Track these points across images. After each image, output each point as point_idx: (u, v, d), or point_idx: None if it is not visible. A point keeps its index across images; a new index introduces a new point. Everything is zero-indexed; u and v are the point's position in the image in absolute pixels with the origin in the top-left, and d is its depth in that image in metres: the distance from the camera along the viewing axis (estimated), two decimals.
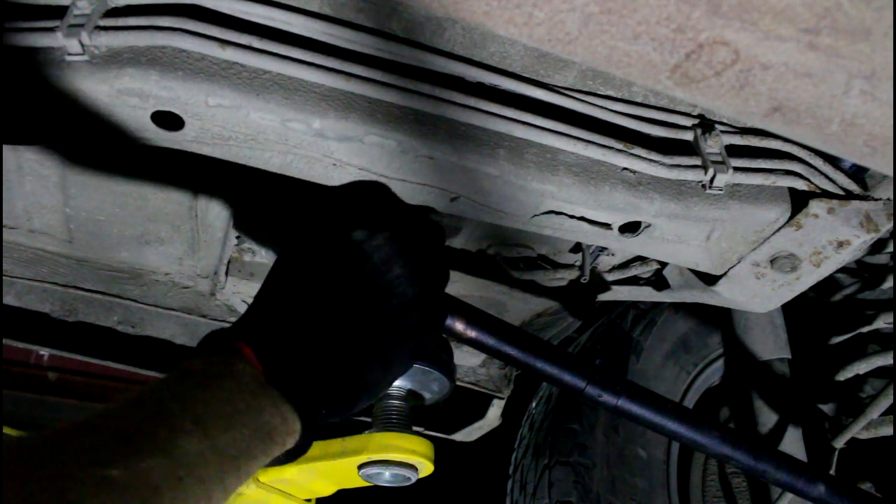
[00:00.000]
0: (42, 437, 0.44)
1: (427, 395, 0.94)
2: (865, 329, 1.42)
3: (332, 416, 0.62)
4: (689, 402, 1.68)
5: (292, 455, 0.60)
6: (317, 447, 0.92)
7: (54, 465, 0.42)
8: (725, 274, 0.99)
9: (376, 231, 0.66)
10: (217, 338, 0.59)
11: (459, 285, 1.26)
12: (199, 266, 1.23)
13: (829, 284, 1.59)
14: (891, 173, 0.66)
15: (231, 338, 0.58)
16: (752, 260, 0.96)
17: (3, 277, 1.22)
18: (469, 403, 1.61)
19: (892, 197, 0.89)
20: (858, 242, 0.90)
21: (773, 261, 0.95)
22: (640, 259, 1.24)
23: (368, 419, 0.92)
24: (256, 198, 1.07)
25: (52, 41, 0.73)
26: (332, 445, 0.91)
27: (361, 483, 0.92)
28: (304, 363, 0.59)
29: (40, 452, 0.43)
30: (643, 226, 0.90)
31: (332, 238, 0.66)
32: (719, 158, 0.86)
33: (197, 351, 0.59)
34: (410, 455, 0.87)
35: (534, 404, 1.74)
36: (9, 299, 1.23)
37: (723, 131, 0.88)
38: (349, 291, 0.64)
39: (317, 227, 0.68)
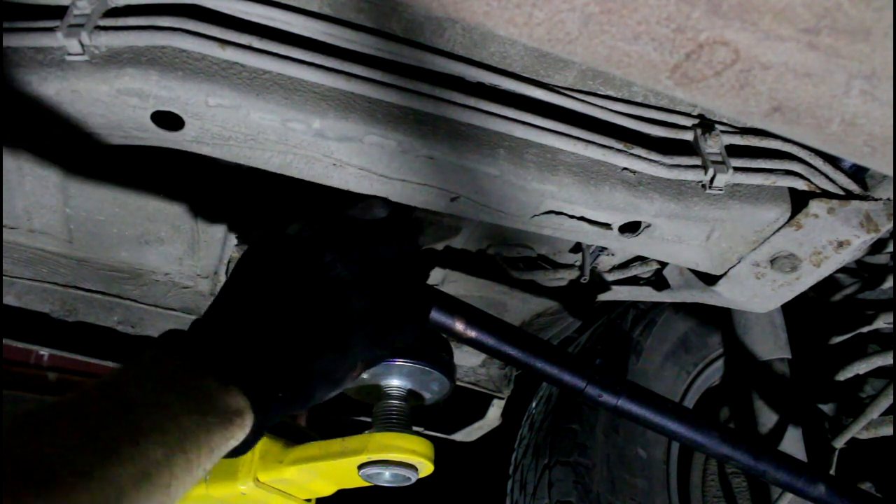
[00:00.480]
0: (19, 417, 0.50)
1: (427, 395, 0.94)
2: (865, 329, 1.42)
3: (291, 401, 0.65)
4: (689, 402, 1.68)
5: (253, 434, 0.62)
6: (317, 447, 0.92)
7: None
8: (725, 274, 0.99)
9: (308, 224, 0.73)
10: (166, 338, 0.64)
11: (459, 285, 1.26)
12: (199, 266, 1.23)
13: (829, 284, 1.59)
14: (891, 173, 0.66)
15: (176, 337, 0.64)
16: (752, 260, 0.96)
17: (3, 277, 1.22)
18: (469, 403, 1.61)
19: (892, 197, 0.89)
20: (858, 242, 0.90)
21: (773, 261, 0.95)
22: (640, 259, 1.24)
23: (368, 419, 0.92)
24: (255, 198, 1.06)
25: (52, 41, 0.72)
26: (332, 445, 0.91)
27: (361, 483, 0.92)
28: (231, 346, 0.63)
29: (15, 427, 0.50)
30: (643, 226, 0.90)
31: (270, 236, 0.74)
32: (719, 158, 0.86)
33: (150, 347, 0.63)
34: (410, 455, 0.87)
35: (534, 404, 1.74)
36: (9, 299, 1.23)
37: (723, 131, 0.88)
38: (280, 279, 0.69)
39: (265, 230, 0.75)
